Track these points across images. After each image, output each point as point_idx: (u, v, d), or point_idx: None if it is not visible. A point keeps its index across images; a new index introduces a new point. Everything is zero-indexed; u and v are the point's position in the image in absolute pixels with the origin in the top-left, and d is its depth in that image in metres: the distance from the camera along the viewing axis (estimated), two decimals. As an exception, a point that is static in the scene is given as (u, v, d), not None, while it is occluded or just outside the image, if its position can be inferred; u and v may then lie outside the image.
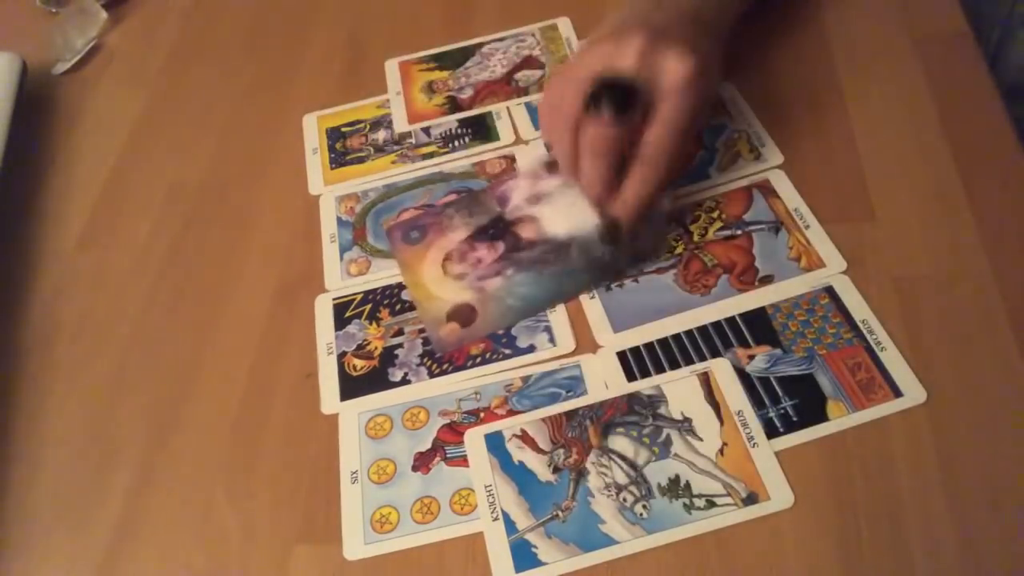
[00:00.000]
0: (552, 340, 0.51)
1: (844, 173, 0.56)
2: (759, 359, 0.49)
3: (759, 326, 0.50)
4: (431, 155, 0.63)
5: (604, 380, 0.49)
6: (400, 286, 0.56)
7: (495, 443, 0.48)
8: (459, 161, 0.62)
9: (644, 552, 0.43)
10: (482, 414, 0.49)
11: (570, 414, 0.48)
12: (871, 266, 0.52)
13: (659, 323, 0.51)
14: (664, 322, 0.51)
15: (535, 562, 0.43)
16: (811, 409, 0.46)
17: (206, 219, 0.62)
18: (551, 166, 0.57)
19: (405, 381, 0.51)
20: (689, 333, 0.50)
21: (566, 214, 0.56)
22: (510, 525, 0.45)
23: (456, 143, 0.63)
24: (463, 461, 0.47)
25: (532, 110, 0.64)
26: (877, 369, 0.47)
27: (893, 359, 0.48)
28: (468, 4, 0.73)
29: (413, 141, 0.64)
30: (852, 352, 0.48)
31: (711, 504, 0.44)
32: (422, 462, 0.48)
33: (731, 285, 0.52)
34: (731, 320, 0.50)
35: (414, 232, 0.58)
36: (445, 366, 0.51)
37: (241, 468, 0.49)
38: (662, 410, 0.48)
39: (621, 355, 0.50)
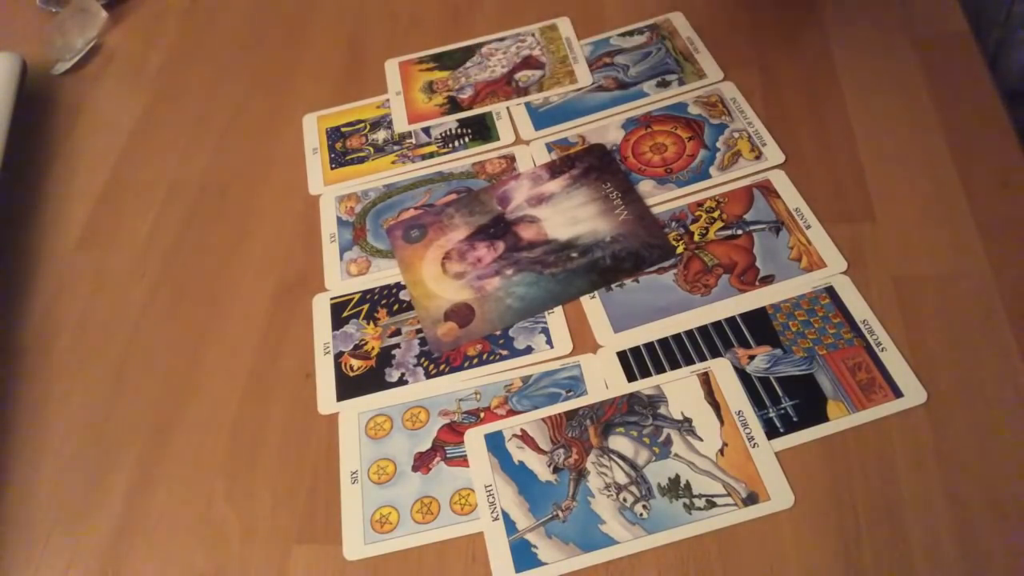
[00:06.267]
0: (549, 342, 0.51)
1: (844, 173, 0.56)
2: (759, 359, 0.49)
3: (759, 326, 0.50)
4: (431, 155, 0.63)
5: (604, 380, 0.49)
6: (398, 286, 0.56)
7: (495, 443, 0.48)
8: (459, 161, 0.62)
9: (644, 552, 0.43)
10: (482, 414, 0.49)
11: (570, 414, 0.48)
12: (871, 266, 0.52)
13: (659, 323, 0.51)
14: (664, 322, 0.51)
15: (535, 562, 0.43)
16: (811, 409, 0.46)
17: (206, 219, 0.62)
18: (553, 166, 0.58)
19: (402, 381, 0.51)
20: (689, 333, 0.50)
21: (569, 216, 0.56)
22: (510, 525, 0.45)
23: (456, 143, 0.63)
24: (463, 461, 0.47)
25: (532, 110, 0.64)
26: (877, 369, 0.47)
27: (893, 359, 0.48)
28: (468, 4, 0.73)
29: (413, 141, 0.64)
30: (852, 352, 0.48)
31: (711, 504, 0.44)
32: (422, 462, 0.48)
33: (731, 285, 0.52)
34: (731, 320, 0.50)
35: (414, 231, 0.58)
36: (442, 367, 0.51)
37: (241, 468, 0.49)
38: (662, 410, 0.48)
39: (621, 355, 0.50)
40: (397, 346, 0.53)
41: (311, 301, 0.56)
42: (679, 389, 0.48)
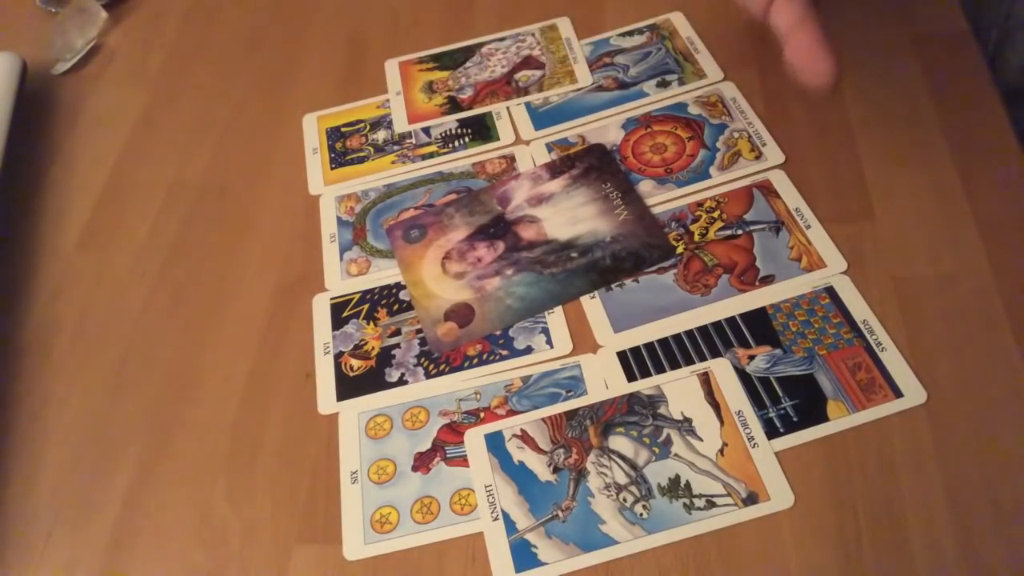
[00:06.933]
0: (549, 342, 0.51)
1: (844, 173, 0.56)
2: (759, 359, 0.49)
3: (759, 326, 0.50)
4: (431, 155, 0.63)
5: (604, 380, 0.49)
6: (398, 286, 0.56)
7: (495, 443, 0.48)
8: (459, 161, 0.62)
9: (644, 552, 0.43)
10: (482, 414, 0.49)
11: (570, 414, 0.48)
12: (871, 266, 0.52)
13: (659, 323, 0.51)
14: (664, 322, 0.51)
15: (535, 562, 0.43)
16: (811, 409, 0.46)
17: (206, 219, 0.62)
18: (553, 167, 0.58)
19: (402, 381, 0.51)
20: (689, 333, 0.50)
21: (569, 216, 0.57)
22: (510, 525, 0.45)
23: (456, 143, 0.63)
24: (463, 461, 0.47)
25: (532, 110, 0.64)
26: (877, 369, 0.47)
27: (893, 359, 0.48)
28: (468, 4, 0.73)
29: (413, 141, 0.64)
30: (852, 352, 0.48)
31: (711, 504, 0.44)
32: (422, 462, 0.48)
33: (731, 285, 0.52)
34: (731, 320, 0.50)
35: (414, 231, 0.58)
36: (442, 367, 0.51)
37: (241, 468, 0.49)
38: (662, 410, 0.48)
39: (621, 355, 0.50)
40: (397, 346, 0.53)
41: (311, 301, 0.56)
42: (679, 389, 0.48)
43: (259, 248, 0.59)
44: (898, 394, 0.46)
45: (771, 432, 0.46)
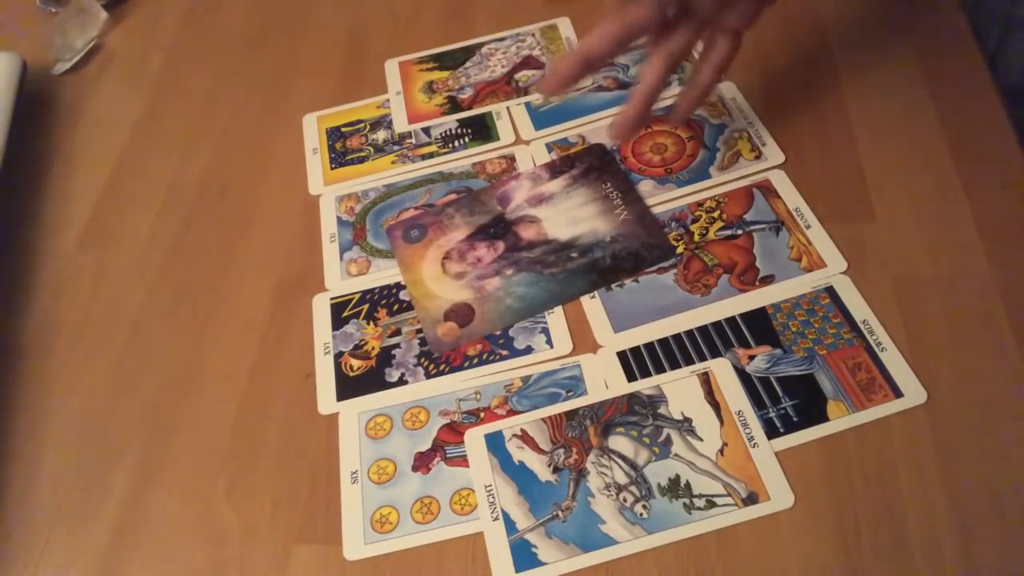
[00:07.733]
0: (549, 342, 0.51)
1: (844, 173, 0.56)
2: (759, 359, 0.49)
3: (759, 326, 0.50)
4: (431, 155, 0.63)
5: (604, 380, 0.49)
6: (398, 286, 0.56)
7: (495, 443, 0.48)
8: (459, 161, 0.62)
9: (644, 552, 0.43)
10: (482, 414, 0.49)
11: (570, 414, 0.48)
12: (871, 266, 0.52)
13: (659, 323, 0.51)
14: (664, 322, 0.51)
15: (535, 562, 0.43)
16: (811, 409, 0.46)
17: (206, 219, 0.62)
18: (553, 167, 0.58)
19: (402, 381, 0.51)
20: (689, 333, 0.50)
21: (569, 216, 0.57)
22: (510, 525, 0.45)
23: (456, 143, 0.63)
24: (463, 461, 0.47)
25: (532, 110, 0.64)
26: (877, 369, 0.47)
27: (893, 359, 0.48)
28: (468, 4, 0.73)
29: (413, 141, 0.64)
30: (852, 352, 0.48)
31: (711, 504, 0.44)
32: (422, 462, 0.48)
33: (731, 285, 0.52)
34: (731, 320, 0.50)
35: (414, 231, 0.58)
36: (442, 367, 0.51)
37: (241, 468, 0.49)
38: (662, 410, 0.48)
39: (621, 355, 0.50)
40: (397, 346, 0.53)
41: (311, 301, 0.56)
42: (679, 389, 0.48)
43: (259, 248, 0.59)
44: (898, 394, 0.46)
45: (771, 432, 0.46)
